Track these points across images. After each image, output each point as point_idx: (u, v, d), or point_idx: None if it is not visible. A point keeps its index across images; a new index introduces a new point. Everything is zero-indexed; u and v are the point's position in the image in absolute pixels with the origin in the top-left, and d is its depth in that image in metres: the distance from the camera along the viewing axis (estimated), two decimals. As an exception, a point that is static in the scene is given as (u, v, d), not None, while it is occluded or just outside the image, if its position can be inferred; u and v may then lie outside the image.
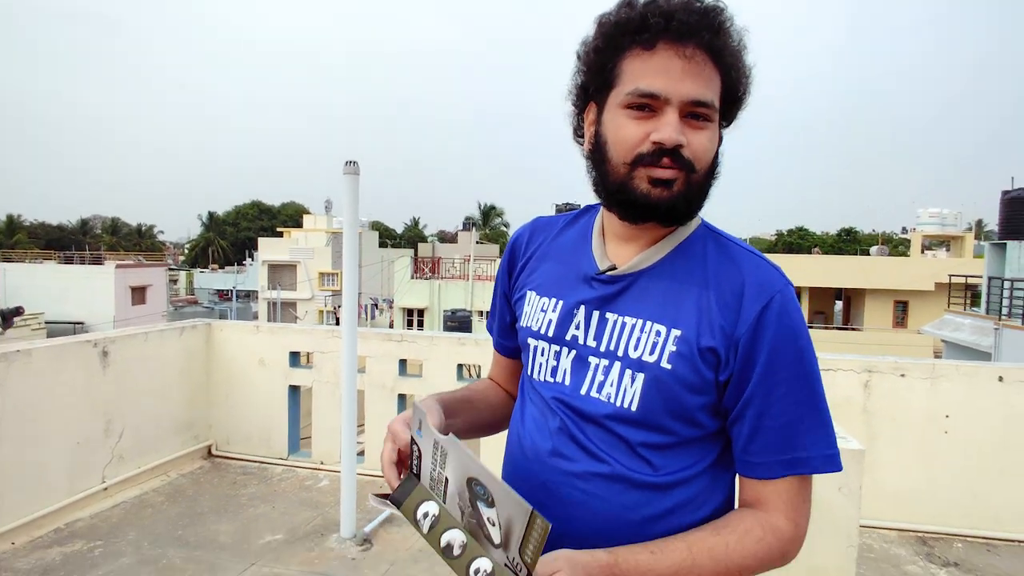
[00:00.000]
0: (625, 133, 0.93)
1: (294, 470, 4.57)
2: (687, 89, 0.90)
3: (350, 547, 3.46)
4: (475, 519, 0.85)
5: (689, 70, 0.90)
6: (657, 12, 0.89)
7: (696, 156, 0.92)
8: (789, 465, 0.94)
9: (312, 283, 34.57)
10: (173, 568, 3.22)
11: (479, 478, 0.84)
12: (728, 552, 0.92)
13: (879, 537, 3.70)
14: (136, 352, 4.24)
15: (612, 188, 0.96)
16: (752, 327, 0.93)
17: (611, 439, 0.98)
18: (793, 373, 0.94)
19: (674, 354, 0.94)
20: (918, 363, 3.85)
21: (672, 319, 0.96)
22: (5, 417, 3.41)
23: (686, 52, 0.90)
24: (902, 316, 27.01)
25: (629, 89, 0.92)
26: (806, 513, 0.97)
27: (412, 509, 0.88)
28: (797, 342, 0.94)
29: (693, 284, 0.97)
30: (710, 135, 0.94)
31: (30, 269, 34.97)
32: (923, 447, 3.78)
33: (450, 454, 0.87)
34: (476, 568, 0.83)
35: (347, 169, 3.28)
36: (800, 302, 10.09)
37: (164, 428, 4.45)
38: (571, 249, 1.09)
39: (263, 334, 4.72)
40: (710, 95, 0.92)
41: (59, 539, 3.49)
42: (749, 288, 0.95)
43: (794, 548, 0.96)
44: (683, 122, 0.91)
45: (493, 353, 1.30)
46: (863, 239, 62.20)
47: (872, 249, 36.36)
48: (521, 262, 1.16)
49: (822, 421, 0.96)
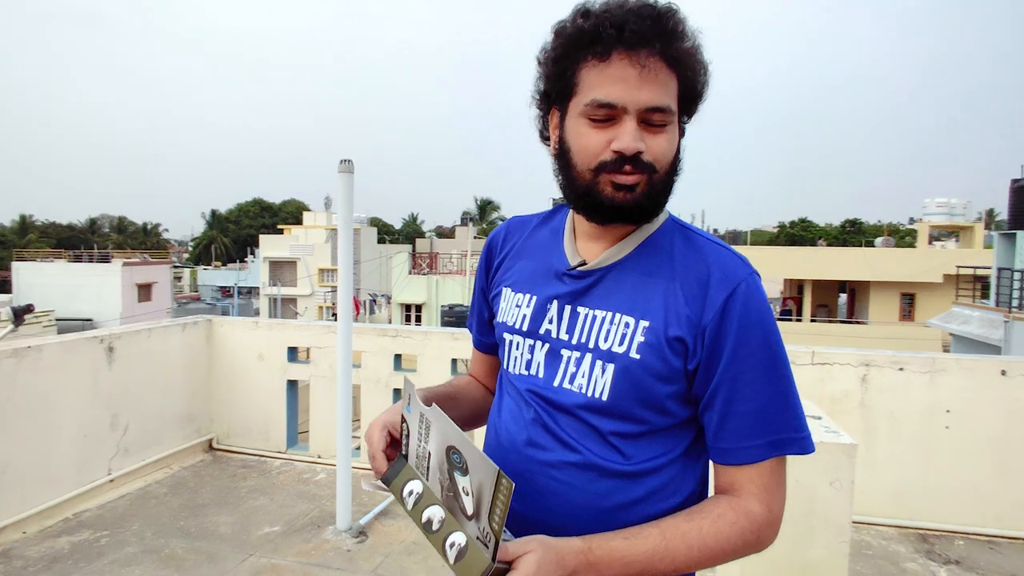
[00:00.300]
0: (586, 142, 0.96)
1: (292, 463, 4.62)
2: (643, 97, 0.92)
3: (346, 539, 3.50)
4: (452, 492, 0.89)
5: (644, 77, 0.92)
6: (610, 23, 0.92)
7: (656, 159, 0.95)
8: (760, 450, 0.96)
9: (312, 279, 34.62)
10: (175, 557, 3.27)
11: (456, 445, 0.89)
12: (702, 536, 0.94)
13: (877, 534, 3.67)
14: (140, 348, 4.29)
15: (579, 192, 0.99)
16: (718, 315, 0.95)
17: (583, 428, 1.00)
18: (760, 359, 0.96)
19: (643, 344, 0.97)
20: (917, 356, 3.80)
21: (641, 311, 0.98)
22: (17, 411, 3.48)
23: (640, 60, 0.92)
24: (909, 309, 26.74)
25: (588, 99, 0.94)
26: (780, 498, 0.99)
27: (400, 487, 0.92)
28: (763, 329, 0.96)
29: (660, 276, 1.00)
30: (669, 137, 0.97)
31: (41, 268, 35.23)
32: (923, 442, 3.73)
33: (433, 425, 0.92)
34: (451, 542, 0.87)
35: (342, 167, 3.30)
36: (803, 295, 10.06)
37: (167, 422, 4.50)
38: (544, 246, 1.13)
39: (262, 330, 4.76)
40: (666, 100, 0.94)
41: (68, 528, 3.56)
42: (714, 278, 0.97)
43: (769, 532, 0.97)
44: (641, 128, 0.94)
45: (472, 351, 1.33)
46: (868, 230, 61.82)
47: (877, 240, 36.12)
48: (497, 260, 1.19)
49: (791, 405, 0.98)
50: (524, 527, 1.02)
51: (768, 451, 0.96)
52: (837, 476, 2.44)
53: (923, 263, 25.77)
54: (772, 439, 0.96)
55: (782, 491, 0.99)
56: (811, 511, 2.44)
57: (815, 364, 3.83)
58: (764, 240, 61.00)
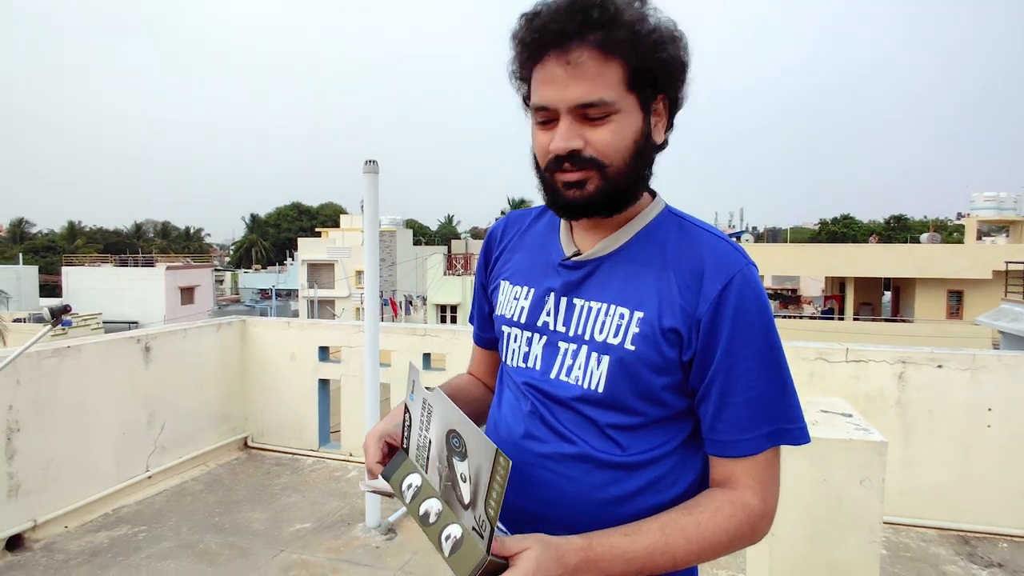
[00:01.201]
0: (537, 144, 1.00)
1: (324, 461, 4.68)
2: (571, 95, 0.92)
3: (375, 536, 3.54)
4: (450, 481, 0.90)
5: (572, 74, 0.91)
6: (535, 28, 0.93)
7: (601, 152, 0.94)
8: (756, 441, 0.96)
9: (349, 281, 35.09)
10: (209, 552, 3.35)
11: (457, 428, 0.89)
12: (700, 530, 0.93)
13: (916, 536, 3.57)
14: (176, 348, 4.41)
15: (544, 191, 1.02)
16: (713, 306, 0.95)
17: (580, 420, 1.00)
18: (755, 350, 0.95)
19: (637, 335, 0.96)
20: (956, 353, 3.68)
21: (635, 302, 0.98)
22: (59, 409, 3.60)
23: (568, 57, 0.91)
24: (956, 306, 25.92)
25: (532, 103, 0.97)
26: (775, 490, 0.99)
27: (399, 482, 0.92)
28: (759, 320, 0.96)
29: (654, 267, 0.99)
30: (614, 128, 0.94)
31: (89, 272, 36.45)
32: (964, 442, 3.62)
33: (435, 409, 0.94)
34: (447, 535, 0.87)
35: (367, 168, 3.34)
36: (845, 293, 9.81)
37: (203, 420, 4.60)
38: (541, 239, 1.13)
39: (294, 330, 4.84)
40: (598, 93, 0.91)
41: (107, 524, 3.67)
42: (709, 268, 0.96)
43: (764, 525, 0.97)
44: (582, 123, 0.93)
45: (473, 348, 1.34)
46: (913, 226, 60.19)
47: (923, 236, 35.09)
48: (496, 253, 1.20)
49: (786, 395, 0.98)
50: (522, 519, 1.02)
51: (763, 442, 0.96)
52: (867, 474, 2.38)
53: (971, 259, 24.96)
54: (767, 430, 0.96)
55: (777, 483, 0.99)
56: (839, 510, 2.39)
57: (849, 361, 3.75)
58: (805, 237, 59.83)
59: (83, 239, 65.23)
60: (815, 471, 2.39)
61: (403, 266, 33.68)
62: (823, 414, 2.70)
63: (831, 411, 2.74)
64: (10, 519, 3.33)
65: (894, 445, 3.66)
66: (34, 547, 3.37)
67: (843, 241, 48.60)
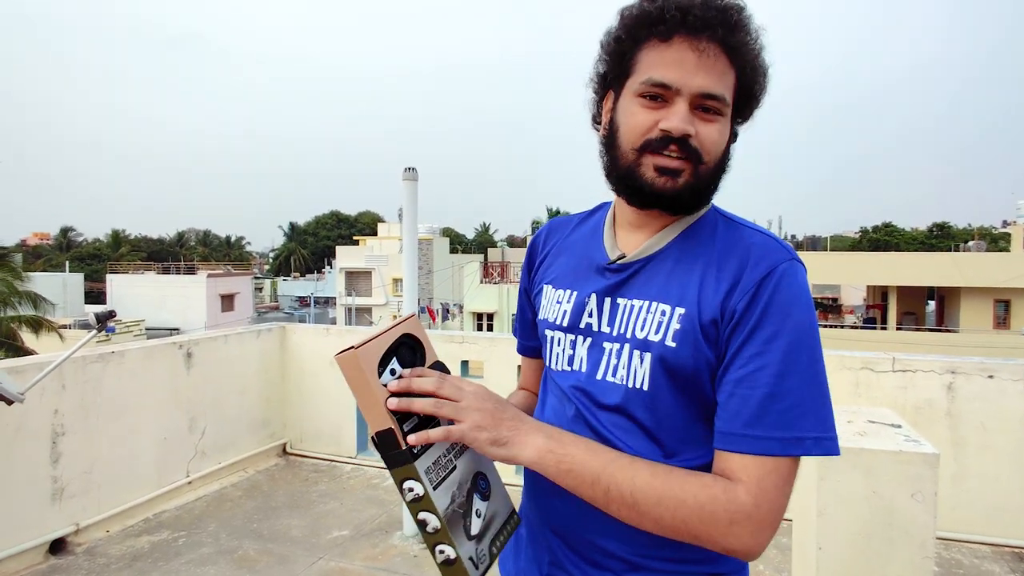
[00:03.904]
0: (636, 120, 0.95)
1: (362, 468, 4.71)
2: (699, 81, 0.92)
3: (412, 545, 3.53)
4: (463, 509, 0.92)
5: (702, 63, 0.92)
6: (675, 7, 0.92)
7: (704, 147, 0.94)
8: (763, 442, 0.87)
9: (386, 289, 35.43)
10: (248, 558, 3.38)
11: (486, 473, 0.95)
12: (669, 474, 0.88)
13: (970, 552, 3.45)
14: (217, 354, 4.48)
15: (621, 173, 0.99)
16: (749, 296, 0.91)
17: (624, 422, 0.98)
18: (783, 345, 0.88)
19: (678, 332, 0.93)
20: (1008, 364, 3.55)
21: (677, 298, 0.96)
22: (102, 413, 3.68)
23: (700, 46, 0.92)
24: (1004, 316, 25.16)
25: (643, 78, 0.94)
26: (775, 501, 0.86)
27: (400, 479, 0.90)
28: (795, 316, 0.90)
29: (699, 264, 0.97)
30: (720, 128, 0.95)
31: (132, 280, 37.47)
32: (1020, 455, 3.49)
33: (470, 447, 0.94)
34: (441, 550, 0.89)
35: (406, 175, 3.37)
36: (887, 303, 9.53)
37: (242, 426, 4.67)
38: (584, 243, 1.12)
39: (332, 336, 4.89)
40: (721, 89, 0.94)
41: (148, 528, 3.73)
42: (752, 260, 0.94)
43: (745, 524, 0.85)
44: (693, 113, 0.93)
45: (522, 360, 1.32)
46: (957, 234, 58.58)
47: (969, 244, 34.15)
48: (539, 258, 1.19)
49: (813, 401, 0.89)
50: (563, 523, 1.02)
51: (773, 446, 0.87)
52: (919, 487, 2.29)
53: (1019, 267, 24.19)
54: (783, 435, 0.87)
55: (780, 496, 0.87)
56: (890, 524, 2.31)
57: (896, 371, 3.64)
58: (846, 246, 58.63)
59: (127, 247, 67.04)
60: (865, 484, 2.32)
61: (440, 274, 33.90)
62: (871, 424, 2.62)
63: (879, 422, 2.65)
64: (54, 522, 3.41)
65: (945, 457, 3.53)
66: (76, 551, 3.43)
67: (885, 250, 47.48)
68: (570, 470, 0.90)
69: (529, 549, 1.10)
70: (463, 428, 0.89)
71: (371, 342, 0.88)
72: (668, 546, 0.96)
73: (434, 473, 0.90)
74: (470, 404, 0.90)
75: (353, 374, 0.86)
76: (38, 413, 3.34)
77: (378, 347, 0.89)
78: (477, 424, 0.89)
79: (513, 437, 0.91)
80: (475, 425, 0.89)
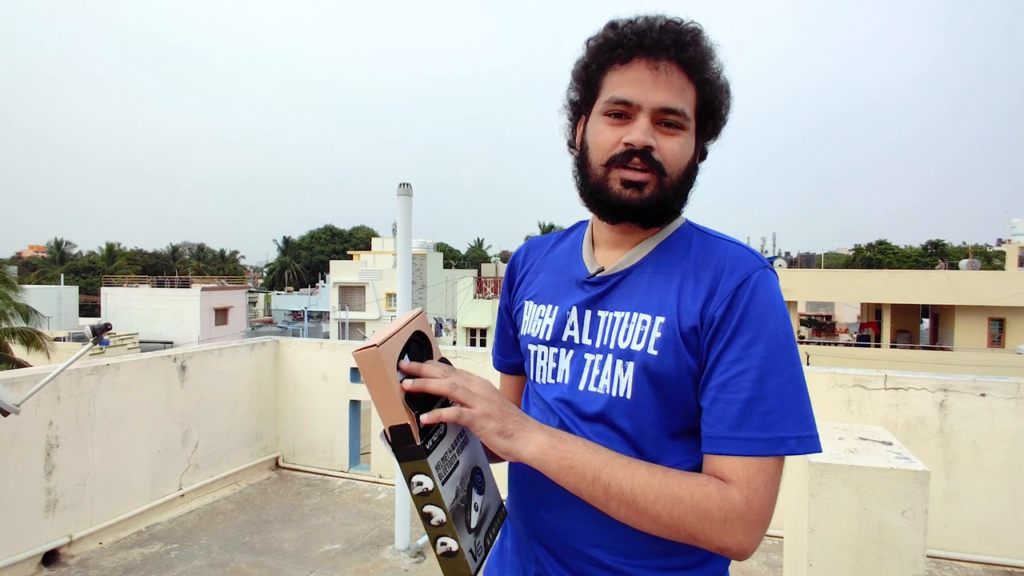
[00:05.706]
0: (602, 138, 1.01)
1: (354, 483, 4.69)
2: (658, 97, 0.98)
3: (404, 559, 3.52)
4: (464, 504, 0.96)
5: (660, 80, 0.98)
6: (632, 32, 1.00)
7: (666, 159, 0.99)
8: (748, 444, 0.90)
9: (380, 303, 35.38)
10: (240, 572, 3.36)
11: (481, 467, 1.01)
12: (667, 474, 0.91)
13: (961, 571, 3.46)
14: (211, 367, 4.48)
15: (591, 189, 1.04)
16: (725, 304, 0.95)
17: (608, 432, 1.00)
18: (762, 350, 0.92)
19: (659, 340, 0.97)
20: (1000, 382, 3.56)
21: (657, 308, 0.99)
22: (96, 425, 3.67)
23: (657, 64, 0.98)
24: (998, 335, 25.22)
25: (607, 97, 1.01)
26: (765, 499, 0.90)
27: (409, 473, 0.92)
28: (770, 321, 0.94)
29: (676, 274, 1.01)
30: (682, 142, 1.00)
31: (127, 293, 37.35)
32: (1012, 473, 3.50)
33: (470, 442, 1.01)
34: (443, 542, 0.92)
35: (401, 191, 3.39)
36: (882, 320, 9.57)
37: (235, 439, 4.66)
38: (564, 259, 1.16)
39: (326, 351, 4.89)
40: (680, 104, 0.99)
41: (140, 541, 3.71)
42: (727, 269, 0.98)
43: (739, 523, 0.88)
44: (656, 128, 0.99)
45: (500, 378, 1.34)
46: (951, 252, 58.91)
47: (962, 262, 34.30)
48: (519, 277, 1.22)
49: (791, 401, 0.92)
50: (551, 533, 1.04)
51: (759, 446, 0.90)
52: (909, 505, 2.31)
53: (1013, 286, 24.31)
54: (767, 436, 0.90)
55: (769, 493, 0.91)
56: (881, 541, 2.32)
57: (888, 389, 3.66)
58: (839, 263, 58.82)
59: (122, 260, 66.92)
60: (856, 501, 2.33)
61: (433, 289, 33.91)
62: (862, 441, 2.63)
63: (871, 439, 2.67)
64: (47, 534, 3.39)
65: (936, 476, 3.55)
66: (69, 562, 3.42)
67: (879, 267, 47.66)
68: (571, 467, 0.91)
69: (516, 560, 1.12)
70: (474, 413, 0.91)
71: (391, 339, 0.91)
72: (656, 555, 0.99)
73: (442, 468, 0.93)
74: (480, 393, 0.93)
75: (373, 371, 0.88)
76: (33, 425, 3.34)
77: (396, 344, 0.92)
78: (486, 412, 0.91)
79: (518, 431, 0.93)
80: (484, 413, 0.91)
